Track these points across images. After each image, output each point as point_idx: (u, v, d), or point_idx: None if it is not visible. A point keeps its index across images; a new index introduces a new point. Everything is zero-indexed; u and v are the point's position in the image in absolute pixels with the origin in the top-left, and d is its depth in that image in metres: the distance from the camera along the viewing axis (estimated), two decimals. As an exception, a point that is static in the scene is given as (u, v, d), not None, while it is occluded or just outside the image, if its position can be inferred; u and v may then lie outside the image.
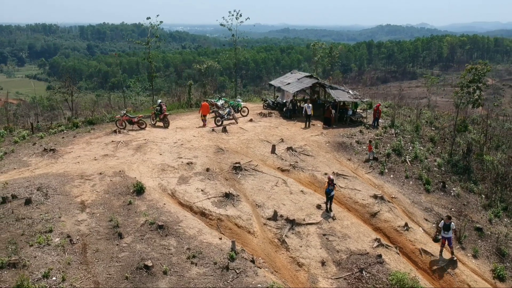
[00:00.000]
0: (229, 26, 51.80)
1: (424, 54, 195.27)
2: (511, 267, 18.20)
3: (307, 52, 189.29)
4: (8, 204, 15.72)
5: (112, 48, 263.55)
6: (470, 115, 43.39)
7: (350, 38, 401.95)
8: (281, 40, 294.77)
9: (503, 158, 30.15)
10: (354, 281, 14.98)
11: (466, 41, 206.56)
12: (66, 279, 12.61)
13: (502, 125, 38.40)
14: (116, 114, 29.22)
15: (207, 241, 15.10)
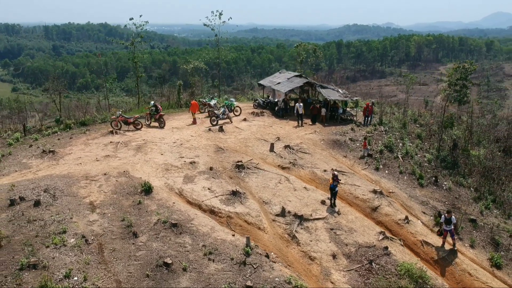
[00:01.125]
0: (212, 26, 51.90)
1: (392, 54, 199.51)
2: (506, 255, 19.10)
3: (278, 52, 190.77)
4: (16, 206, 15.55)
5: (78, 48, 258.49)
6: (450, 112, 44.96)
7: (318, 37, 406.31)
8: (250, 40, 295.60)
9: (486, 153, 31.48)
10: (365, 272, 15.51)
11: (432, 41, 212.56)
12: (87, 278, 12.63)
13: (477, 121, 39.92)
14: (111, 115, 29.00)
15: (221, 238, 15.33)
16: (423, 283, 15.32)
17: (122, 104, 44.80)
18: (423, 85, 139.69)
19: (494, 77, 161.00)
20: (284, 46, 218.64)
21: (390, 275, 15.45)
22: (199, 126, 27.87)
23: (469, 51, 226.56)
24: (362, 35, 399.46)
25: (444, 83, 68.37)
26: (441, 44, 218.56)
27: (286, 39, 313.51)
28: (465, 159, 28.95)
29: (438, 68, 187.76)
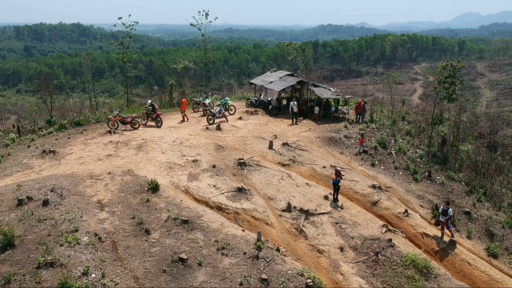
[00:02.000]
0: (199, 26, 52.02)
1: (368, 53, 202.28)
2: (501, 245, 19.88)
3: (255, 52, 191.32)
4: (25, 206, 15.47)
5: (51, 49, 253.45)
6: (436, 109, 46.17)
7: (293, 37, 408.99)
8: (226, 40, 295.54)
9: (473, 148, 32.57)
10: (372, 264, 15.98)
11: (406, 40, 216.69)
12: (105, 275, 12.72)
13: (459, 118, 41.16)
14: (106, 115, 28.89)
15: (231, 233, 15.57)
16: (427, 273, 15.88)
17: (108, 104, 44.46)
18: (399, 84, 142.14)
19: (467, 76, 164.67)
20: (261, 46, 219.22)
21: (396, 266, 15.97)
22: (196, 125, 28.01)
23: (442, 50, 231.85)
24: (336, 35, 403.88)
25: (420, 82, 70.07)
26: (415, 43, 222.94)
27: (261, 39, 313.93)
28: (455, 155, 29.89)
29: (412, 67, 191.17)
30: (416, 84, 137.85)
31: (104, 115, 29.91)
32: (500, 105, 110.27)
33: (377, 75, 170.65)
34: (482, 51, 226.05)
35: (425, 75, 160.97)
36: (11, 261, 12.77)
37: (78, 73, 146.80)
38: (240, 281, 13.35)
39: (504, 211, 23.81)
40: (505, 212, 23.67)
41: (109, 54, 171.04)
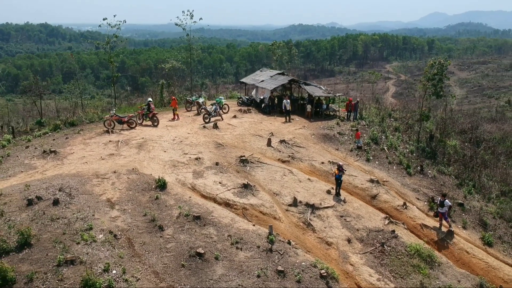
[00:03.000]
0: (184, 26, 51.96)
1: (340, 53, 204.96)
2: (494, 234, 20.78)
3: (228, 52, 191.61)
4: (35, 206, 15.42)
5: (18, 49, 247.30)
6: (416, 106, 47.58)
7: (264, 37, 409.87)
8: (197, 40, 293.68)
9: (458, 143, 33.71)
10: (379, 254, 16.55)
11: (378, 40, 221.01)
12: (126, 271, 12.87)
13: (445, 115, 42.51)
14: (100, 115, 28.76)
15: (243, 228, 15.89)
16: (431, 261, 16.56)
17: (89, 105, 44.07)
18: (371, 82, 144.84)
19: None
20: (234, 46, 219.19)
21: (401, 256, 16.59)
22: (192, 123, 28.15)
23: (412, 49, 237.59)
24: (307, 34, 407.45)
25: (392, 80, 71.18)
26: (386, 43, 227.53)
27: (233, 39, 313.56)
28: (442, 149, 30.92)
29: (384, 66, 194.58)
30: (389, 83, 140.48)
31: (96, 116, 29.73)
32: (470, 102, 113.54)
33: (350, 74, 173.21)
34: (450, 50, 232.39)
35: (396, 74, 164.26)
36: (30, 260, 12.79)
37: (48, 74, 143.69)
38: (257, 273, 13.70)
39: (493, 202, 24.81)
40: (494, 203, 24.67)
41: (80, 55, 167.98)
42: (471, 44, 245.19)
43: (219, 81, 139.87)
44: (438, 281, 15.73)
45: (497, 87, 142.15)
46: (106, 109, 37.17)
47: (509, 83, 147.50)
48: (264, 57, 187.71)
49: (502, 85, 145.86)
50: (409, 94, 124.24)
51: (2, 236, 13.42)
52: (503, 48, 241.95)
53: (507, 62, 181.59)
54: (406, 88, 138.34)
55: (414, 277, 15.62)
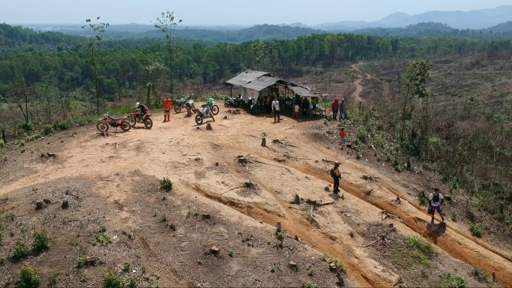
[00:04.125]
0: (164, 27, 52.17)
1: (307, 53, 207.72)
2: (481, 225, 21.93)
3: (195, 53, 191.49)
4: (44, 209, 15.44)
5: None
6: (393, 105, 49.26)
7: (229, 38, 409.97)
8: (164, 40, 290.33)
9: (439, 140, 35.20)
10: (381, 247, 17.34)
11: (343, 40, 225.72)
12: (145, 270, 13.14)
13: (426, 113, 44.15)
14: (87, 118, 28.62)
15: (251, 226, 16.36)
16: (429, 252, 17.47)
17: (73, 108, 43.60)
18: (338, 82, 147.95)
19: (403, 74, 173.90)
20: (201, 46, 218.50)
21: (401, 248, 17.43)
22: (185, 125, 28.40)
23: (377, 49, 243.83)
24: (272, 35, 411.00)
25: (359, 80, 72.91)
26: (352, 43, 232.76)
27: (199, 40, 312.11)
28: (425, 146, 32.24)
29: (350, 65, 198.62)
30: (356, 82, 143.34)
31: (86, 119, 29.56)
32: (435, 100, 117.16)
33: (317, 74, 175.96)
34: (413, 50, 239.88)
35: (363, 73, 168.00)
36: (49, 262, 12.88)
37: (10, 76, 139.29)
38: (271, 268, 14.20)
39: (476, 195, 26.12)
40: (477, 196, 25.98)
41: (42, 56, 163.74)
42: (433, 43, 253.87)
43: (187, 82, 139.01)
44: (437, 270, 16.64)
45: (460, 86, 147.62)
46: (90, 112, 36.99)
47: (471, 82, 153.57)
48: (232, 57, 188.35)
49: (464, 83, 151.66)
50: (376, 93, 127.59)
51: (19, 239, 13.45)
52: (463, 47, 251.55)
53: (468, 61, 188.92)
54: (373, 87, 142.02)
55: (416, 267, 16.47)
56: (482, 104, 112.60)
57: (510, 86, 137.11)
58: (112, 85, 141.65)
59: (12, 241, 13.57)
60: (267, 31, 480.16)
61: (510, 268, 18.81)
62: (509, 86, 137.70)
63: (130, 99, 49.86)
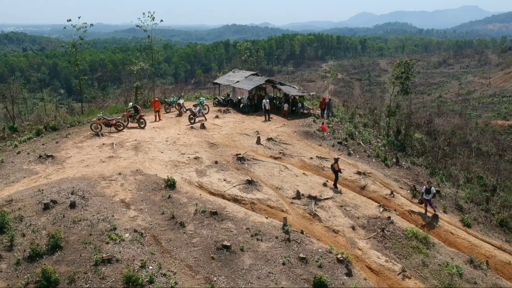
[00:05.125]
0: (145, 27, 51.77)
1: (278, 52, 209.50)
2: (470, 217, 22.92)
3: (165, 52, 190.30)
4: (52, 209, 15.42)
5: None
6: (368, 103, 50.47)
7: (198, 37, 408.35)
8: (131, 40, 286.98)
9: (423, 137, 36.38)
10: (381, 239, 18.00)
11: (313, 39, 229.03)
12: (162, 267, 13.35)
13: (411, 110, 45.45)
14: (76, 119, 28.41)
15: (258, 221, 16.74)
16: (426, 243, 18.24)
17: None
18: (310, 81, 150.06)
19: (373, 72, 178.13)
20: (171, 46, 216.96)
21: (401, 239, 18.14)
22: (178, 124, 28.52)
23: (346, 48, 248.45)
24: (241, 34, 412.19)
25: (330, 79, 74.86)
26: (321, 42, 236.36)
27: (168, 39, 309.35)
28: (409, 142, 33.31)
29: (321, 65, 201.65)
30: (327, 82, 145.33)
31: (76, 120, 29.28)
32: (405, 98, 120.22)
33: (288, 74, 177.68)
34: (382, 49, 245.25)
35: (334, 73, 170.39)
36: (65, 261, 12.93)
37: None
38: (282, 261, 14.63)
39: (462, 188, 27.22)
40: (463, 189, 27.08)
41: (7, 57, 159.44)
42: (400, 43, 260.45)
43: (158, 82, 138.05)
44: (436, 259, 17.41)
45: (428, 84, 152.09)
46: (74, 113, 36.55)
47: (439, 80, 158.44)
48: (203, 57, 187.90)
49: (432, 81, 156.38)
50: (347, 92, 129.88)
51: (33, 239, 13.45)
52: (429, 46, 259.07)
53: (435, 60, 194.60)
54: (344, 86, 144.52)
55: (416, 257, 17.19)
56: (450, 101, 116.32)
57: (476, 84, 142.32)
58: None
59: (25, 242, 13.55)
60: (236, 31, 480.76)
61: (500, 256, 19.82)
62: (475, 84, 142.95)
63: (112, 101, 49.21)
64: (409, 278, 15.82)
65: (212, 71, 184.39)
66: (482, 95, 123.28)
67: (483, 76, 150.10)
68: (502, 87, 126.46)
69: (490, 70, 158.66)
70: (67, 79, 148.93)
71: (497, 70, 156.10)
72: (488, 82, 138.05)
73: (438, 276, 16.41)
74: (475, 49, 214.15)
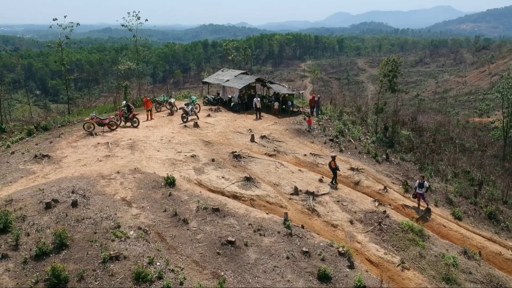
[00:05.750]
0: (130, 26, 51.61)
1: (257, 52, 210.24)
2: (460, 210, 23.58)
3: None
4: (54, 208, 15.36)
5: None
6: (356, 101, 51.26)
7: (175, 37, 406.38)
8: (107, 40, 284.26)
9: (411, 134, 37.13)
10: (379, 232, 18.43)
11: (291, 39, 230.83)
12: (169, 263, 13.46)
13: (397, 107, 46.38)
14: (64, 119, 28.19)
15: (259, 217, 16.97)
16: (422, 235, 18.75)
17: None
18: (289, 81, 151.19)
19: (351, 71, 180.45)
20: (149, 46, 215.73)
21: (397, 232, 18.60)
22: (171, 123, 28.53)
23: (324, 48, 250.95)
24: (219, 34, 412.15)
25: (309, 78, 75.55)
26: (299, 42, 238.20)
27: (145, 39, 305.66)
28: (397, 139, 34.00)
29: (299, 65, 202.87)
30: (306, 81, 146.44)
31: (64, 119, 29.00)
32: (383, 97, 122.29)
33: (267, 73, 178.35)
34: (359, 49, 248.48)
35: (312, 72, 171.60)
36: (73, 259, 12.94)
37: None
38: (286, 255, 14.90)
39: (450, 183, 27.95)
40: (451, 183, 27.81)
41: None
42: (377, 42, 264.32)
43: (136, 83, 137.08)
44: (432, 251, 17.92)
45: (405, 82, 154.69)
46: (61, 113, 36.18)
47: (416, 78, 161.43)
48: (181, 57, 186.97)
49: (409, 80, 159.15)
50: (326, 91, 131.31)
51: (39, 238, 13.40)
52: (405, 46, 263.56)
53: (412, 59, 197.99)
54: (323, 85, 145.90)
55: (413, 249, 17.67)
56: (428, 100, 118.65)
57: (452, 83, 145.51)
58: (56, 86, 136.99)
59: (30, 241, 13.50)
60: (213, 31, 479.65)
61: (491, 247, 20.48)
62: (451, 83, 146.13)
63: (100, 100, 48.85)
64: (408, 269, 16.27)
65: (191, 71, 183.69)
66: (459, 93, 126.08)
67: (459, 75, 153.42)
68: (477, 85, 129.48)
69: (465, 69, 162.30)
70: (42, 79, 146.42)
71: (472, 68, 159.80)
72: (464, 80, 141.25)
73: (435, 267, 16.91)
74: (450, 48, 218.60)
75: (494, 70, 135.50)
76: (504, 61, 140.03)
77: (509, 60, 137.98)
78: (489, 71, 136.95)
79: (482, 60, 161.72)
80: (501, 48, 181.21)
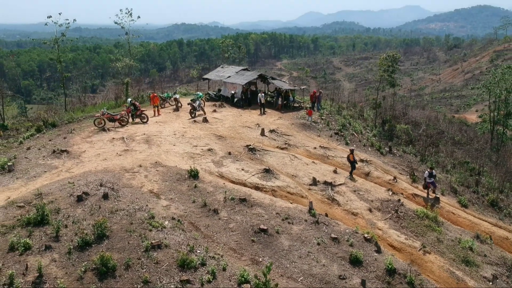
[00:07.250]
0: (122, 24, 51.27)
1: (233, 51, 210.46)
2: (465, 198, 24.51)
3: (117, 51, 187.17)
4: (86, 201, 15.54)
5: None
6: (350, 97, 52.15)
7: (148, 37, 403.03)
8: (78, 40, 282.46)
9: (409, 127, 38.10)
10: (397, 219, 19.13)
11: (267, 38, 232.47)
12: (208, 250, 13.83)
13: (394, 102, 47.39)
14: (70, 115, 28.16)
15: (285, 206, 17.47)
16: (436, 222, 19.53)
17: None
18: None
19: (327, 70, 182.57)
20: (122, 45, 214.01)
21: (414, 219, 19.34)
22: (180, 118, 28.74)
23: (299, 47, 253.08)
24: (191, 34, 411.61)
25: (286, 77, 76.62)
26: (275, 41, 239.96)
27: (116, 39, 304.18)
28: (395, 132, 34.91)
29: (275, 64, 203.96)
30: (283, 79, 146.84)
31: (71, 116, 28.94)
32: (361, 95, 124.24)
33: None
34: (333, 48, 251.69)
35: (289, 71, 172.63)
36: (116, 248, 13.18)
37: None
38: (316, 242, 15.43)
39: (450, 173, 28.92)
40: (452, 174, 28.78)
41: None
42: (350, 41, 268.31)
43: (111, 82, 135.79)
44: (448, 236, 18.71)
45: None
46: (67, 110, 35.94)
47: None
48: (157, 56, 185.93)
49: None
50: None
51: (81, 229, 13.60)
52: (377, 44, 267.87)
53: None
54: (301, 84, 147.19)
55: (431, 234, 18.42)
56: (405, 97, 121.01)
57: (427, 80, 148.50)
58: (29, 87, 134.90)
59: (69, 232, 13.67)
60: (186, 30, 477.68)
61: (498, 232, 21.41)
62: (426, 80, 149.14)
63: (102, 98, 48.46)
64: (429, 253, 16.99)
65: (166, 70, 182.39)
66: (434, 90, 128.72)
67: (433, 73, 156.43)
68: (451, 83, 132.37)
69: (439, 67, 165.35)
70: (13, 80, 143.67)
71: (446, 66, 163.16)
72: (438, 78, 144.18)
73: (453, 250, 17.69)
74: (423, 47, 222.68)
75: (466, 68, 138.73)
76: (476, 59, 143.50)
77: (480, 58, 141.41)
78: (462, 69, 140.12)
79: (455, 58, 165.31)
80: (472, 46, 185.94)
